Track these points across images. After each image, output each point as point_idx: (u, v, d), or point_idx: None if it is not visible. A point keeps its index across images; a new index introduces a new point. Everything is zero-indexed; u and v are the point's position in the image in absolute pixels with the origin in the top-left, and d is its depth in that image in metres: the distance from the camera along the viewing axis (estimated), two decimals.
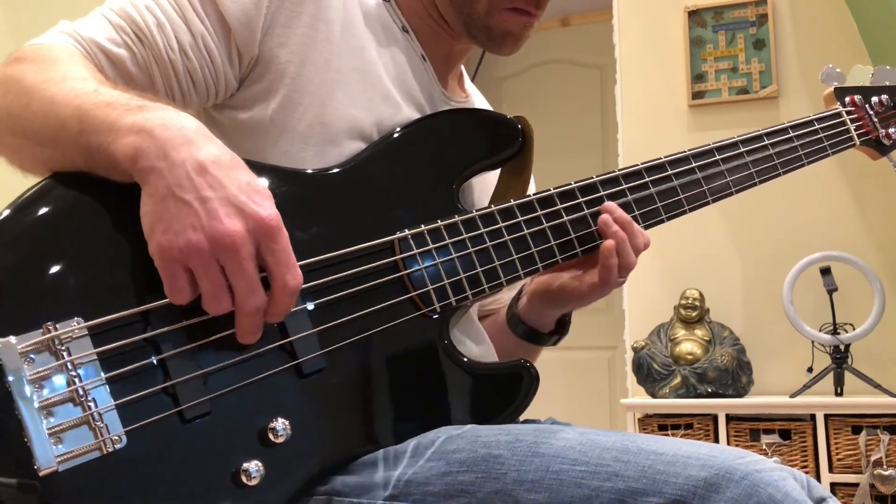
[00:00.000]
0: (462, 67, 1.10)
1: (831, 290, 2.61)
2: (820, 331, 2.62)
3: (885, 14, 2.48)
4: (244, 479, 0.71)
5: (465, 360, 0.87)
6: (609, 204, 0.93)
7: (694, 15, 3.01)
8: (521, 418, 1.02)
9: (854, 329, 2.59)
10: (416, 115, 0.95)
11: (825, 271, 2.64)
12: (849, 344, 2.58)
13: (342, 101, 0.89)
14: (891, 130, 1.19)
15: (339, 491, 0.77)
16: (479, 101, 1.12)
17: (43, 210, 0.70)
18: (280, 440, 0.73)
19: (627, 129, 3.05)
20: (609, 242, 0.91)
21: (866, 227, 2.79)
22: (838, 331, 2.60)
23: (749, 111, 2.93)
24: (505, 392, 0.88)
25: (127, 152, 0.68)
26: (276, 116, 0.88)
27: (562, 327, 1.03)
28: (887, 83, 1.21)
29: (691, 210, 0.99)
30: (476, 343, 0.97)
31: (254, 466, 0.71)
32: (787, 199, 2.81)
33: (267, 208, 0.69)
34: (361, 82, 0.91)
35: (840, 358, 2.57)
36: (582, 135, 3.97)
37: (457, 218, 0.87)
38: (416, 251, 0.84)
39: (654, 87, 3.03)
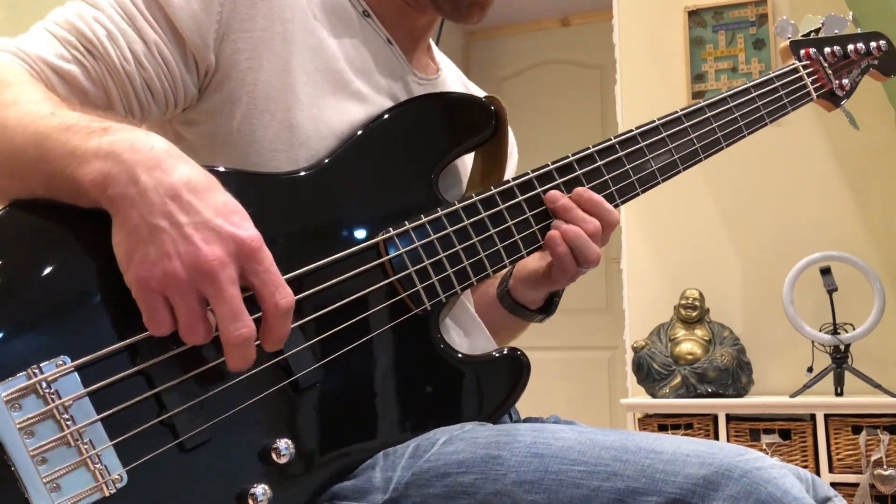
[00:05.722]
0: (430, 39, 1.08)
1: (831, 290, 2.61)
2: (820, 331, 2.62)
3: (885, 14, 2.48)
4: (251, 503, 0.69)
5: (459, 354, 0.86)
6: (552, 193, 0.91)
7: (694, 15, 3.01)
8: (524, 416, 1.02)
9: (854, 329, 2.59)
10: (388, 104, 0.91)
11: (825, 271, 2.64)
12: (849, 344, 2.58)
13: (307, 101, 0.86)
14: (844, 81, 1.17)
15: (337, 494, 0.77)
16: (450, 71, 1.09)
17: (4, 246, 0.65)
18: (284, 460, 0.71)
19: (627, 129, 3.04)
20: (552, 232, 0.90)
21: (866, 227, 2.78)
22: (838, 331, 2.60)
23: None
24: (499, 382, 0.88)
25: (94, 178, 0.64)
26: (243, 127, 0.84)
27: (548, 306, 1.03)
28: (836, 32, 1.19)
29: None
30: (466, 333, 0.96)
31: (260, 490, 0.69)
32: (786, 199, 2.80)
33: (246, 229, 0.65)
34: (325, 80, 0.88)
35: (840, 358, 2.57)
36: (582, 135, 3.96)
37: (440, 212, 0.85)
38: (402, 251, 0.82)
39: (654, 87, 3.03)
